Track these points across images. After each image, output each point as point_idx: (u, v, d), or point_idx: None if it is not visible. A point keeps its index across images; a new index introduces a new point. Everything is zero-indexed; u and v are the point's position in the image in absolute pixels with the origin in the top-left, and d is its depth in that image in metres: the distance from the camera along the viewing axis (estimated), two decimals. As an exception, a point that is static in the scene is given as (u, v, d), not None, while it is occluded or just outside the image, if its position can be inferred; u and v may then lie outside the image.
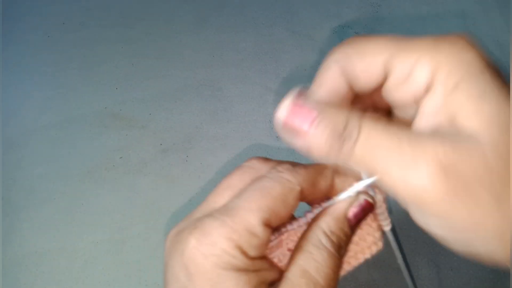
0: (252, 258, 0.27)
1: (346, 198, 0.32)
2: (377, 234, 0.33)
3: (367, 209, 0.31)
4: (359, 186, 0.31)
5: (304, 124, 0.26)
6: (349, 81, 0.27)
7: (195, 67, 0.80)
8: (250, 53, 0.82)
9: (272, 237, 0.32)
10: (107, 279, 0.59)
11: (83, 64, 0.81)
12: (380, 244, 0.34)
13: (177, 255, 0.27)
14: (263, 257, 0.30)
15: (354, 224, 0.31)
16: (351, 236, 0.32)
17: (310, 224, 0.31)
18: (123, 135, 0.72)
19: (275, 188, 0.28)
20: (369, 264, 0.58)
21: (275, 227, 0.30)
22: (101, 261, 0.60)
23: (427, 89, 0.24)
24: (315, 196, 0.32)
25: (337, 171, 0.32)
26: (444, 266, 0.58)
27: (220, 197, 0.30)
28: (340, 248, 0.30)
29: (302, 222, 0.32)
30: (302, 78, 0.78)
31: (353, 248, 0.33)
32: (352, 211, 0.31)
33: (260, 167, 0.31)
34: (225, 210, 0.28)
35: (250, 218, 0.27)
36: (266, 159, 0.32)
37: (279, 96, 0.76)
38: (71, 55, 0.82)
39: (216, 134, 0.71)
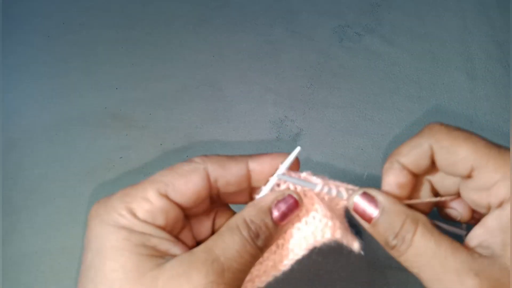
0: (142, 221, 0.31)
1: (274, 192, 0.34)
2: (323, 222, 0.34)
3: (292, 205, 0.33)
4: (278, 175, 0.34)
5: (368, 213, 0.33)
6: (432, 161, 0.33)
7: (195, 67, 0.80)
8: (250, 53, 0.82)
9: None
10: (107, 279, 0.59)
11: (83, 64, 0.81)
12: (331, 232, 0.34)
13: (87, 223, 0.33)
14: (162, 227, 0.32)
15: (278, 219, 0.33)
16: (275, 230, 0.33)
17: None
18: (123, 135, 0.72)
19: (179, 166, 0.33)
20: (369, 264, 0.58)
21: (184, 204, 0.33)
22: (101, 261, 0.60)
23: (500, 205, 0.30)
24: (235, 181, 0.35)
25: (252, 156, 0.36)
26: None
27: None
28: (258, 237, 0.31)
29: None
30: (302, 78, 0.78)
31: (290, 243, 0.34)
32: (277, 207, 0.33)
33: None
34: (134, 185, 0.33)
35: (146, 186, 0.32)
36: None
37: (279, 96, 0.76)
38: (71, 55, 0.82)
39: (216, 134, 0.71)
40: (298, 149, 0.36)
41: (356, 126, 0.71)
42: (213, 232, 0.37)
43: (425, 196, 0.37)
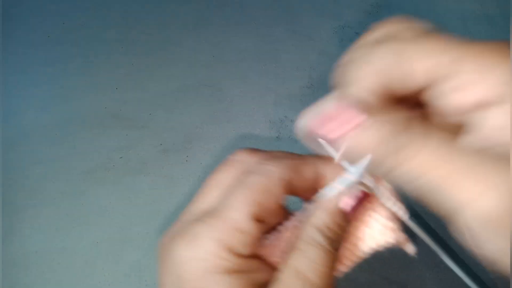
0: (245, 257, 0.27)
1: (338, 189, 0.30)
2: (386, 225, 0.32)
3: (363, 200, 0.30)
4: (350, 174, 0.30)
5: (349, 125, 0.24)
6: (387, 82, 0.25)
7: (195, 67, 0.80)
8: (250, 53, 0.82)
9: (271, 236, 0.31)
10: (107, 279, 0.59)
11: (83, 64, 0.81)
12: (392, 236, 0.32)
13: (168, 263, 0.27)
14: (257, 257, 0.29)
15: (350, 217, 0.30)
16: (348, 227, 0.31)
17: (304, 221, 0.30)
18: (123, 135, 0.71)
19: (260, 182, 0.28)
20: (369, 263, 0.58)
21: (267, 221, 0.29)
22: (101, 261, 0.60)
23: (496, 102, 0.22)
24: (303, 185, 0.31)
25: (321, 157, 0.31)
26: (444, 266, 0.58)
27: (208, 196, 0.30)
28: (335, 242, 0.29)
29: (299, 217, 0.31)
30: (302, 78, 0.78)
31: (356, 243, 0.32)
32: (346, 203, 0.30)
33: (246, 160, 0.30)
34: (213, 212, 0.28)
35: (237, 216, 0.27)
36: (252, 150, 0.31)
37: (279, 96, 0.76)
38: (71, 55, 0.82)
39: (216, 134, 0.71)
40: (369, 157, 0.29)
41: (356, 126, 0.71)
42: None
43: None
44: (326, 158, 0.31)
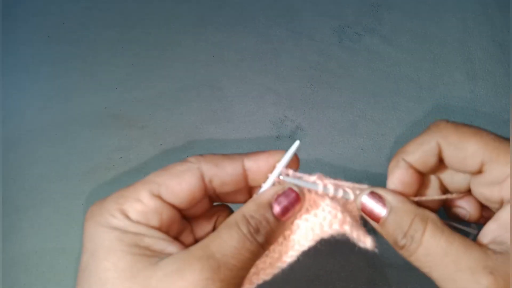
0: (135, 222, 0.31)
1: (274, 187, 0.33)
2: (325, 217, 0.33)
3: (294, 199, 0.32)
4: (277, 171, 0.33)
5: (376, 213, 0.32)
6: (439, 159, 0.33)
7: (195, 67, 0.80)
8: (250, 53, 0.82)
9: None
10: (107, 279, 0.59)
11: (83, 64, 0.81)
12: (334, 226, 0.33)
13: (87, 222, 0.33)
14: (157, 228, 0.32)
15: (280, 213, 0.32)
16: (277, 225, 0.32)
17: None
18: (123, 135, 0.72)
19: (173, 166, 0.34)
20: (369, 264, 0.58)
21: (178, 205, 0.33)
22: (101, 261, 0.60)
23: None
24: (228, 180, 0.34)
25: (247, 155, 0.35)
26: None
27: None
28: (258, 232, 0.30)
29: None
30: (302, 78, 0.78)
31: (288, 242, 0.33)
32: (276, 199, 0.32)
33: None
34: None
35: (139, 187, 0.32)
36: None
37: (279, 96, 0.76)
38: (71, 55, 0.82)
39: (216, 134, 0.71)
40: (297, 143, 0.35)
41: (356, 126, 0.71)
42: None
43: (433, 194, 0.36)
44: (251, 155, 0.35)
